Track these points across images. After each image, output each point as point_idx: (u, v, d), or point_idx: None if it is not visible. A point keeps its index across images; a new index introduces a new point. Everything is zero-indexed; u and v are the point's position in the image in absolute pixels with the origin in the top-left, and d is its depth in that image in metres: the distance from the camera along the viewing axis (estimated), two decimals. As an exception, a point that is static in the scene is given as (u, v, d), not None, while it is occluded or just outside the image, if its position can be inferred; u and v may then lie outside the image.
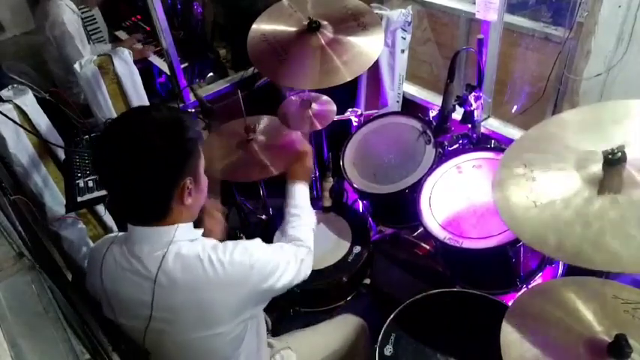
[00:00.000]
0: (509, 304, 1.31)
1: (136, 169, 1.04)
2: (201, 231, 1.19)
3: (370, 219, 2.08)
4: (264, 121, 2.09)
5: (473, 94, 1.82)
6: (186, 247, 1.11)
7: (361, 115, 2.18)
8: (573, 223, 1.14)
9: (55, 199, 2.06)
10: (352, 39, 1.86)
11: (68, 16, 2.60)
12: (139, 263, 1.11)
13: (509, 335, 1.15)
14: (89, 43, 2.97)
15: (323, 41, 1.86)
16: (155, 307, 1.10)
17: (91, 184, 1.76)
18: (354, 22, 1.91)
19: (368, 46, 1.85)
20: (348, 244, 1.89)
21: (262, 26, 1.97)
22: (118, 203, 1.14)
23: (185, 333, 1.12)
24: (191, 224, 1.17)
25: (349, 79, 1.81)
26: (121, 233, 1.21)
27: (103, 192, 1.74)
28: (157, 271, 1.08)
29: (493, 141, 2.12)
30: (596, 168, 1.20)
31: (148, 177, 1.05)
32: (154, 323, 1.12)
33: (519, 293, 1.71)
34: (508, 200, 1.27)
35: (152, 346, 1.18)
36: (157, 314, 1.10)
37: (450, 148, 1.96)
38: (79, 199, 1.74)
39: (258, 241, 1.22)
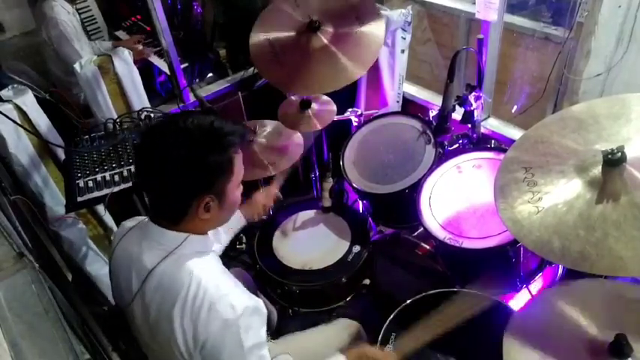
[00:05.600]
0: (512, 306, 1.30)
1: (160, 177, 1.07)
2: (214, 246, 1.20)
3: (370, 219, 2.08)
4: (267, 125, 2.11)
5: (473, 94, 1.82)
6: (190, 260, 1.11)
7: (361, 115, 2.18)
8: (577, 227, 1.14)
9: (55, 199, 2.06)
10: (353, 30, 1.84)
11: (63, 17, 2.60)
12: (142, 253, 1.13)
13: (511, 345, 1.15)
14: (89, 40, 2.97)
15: (325, 40, 1.85)
16: (137, 298, 1.13)
17: (91, 184, 1.76)
18: (352, 13, 1.89)
19: (370, 35, 1.83)
20: (347, 244, 1.89)
21: (263, 32, 1.96)
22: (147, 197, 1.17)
23: (153, 334, 1.14)
24: (205, 237, 1.18)
25: (359, 76, 1.80)
26: (142, 218, 1.24)
27: (103, 192, 1.74)
28: (152, 268, 1.10)
29: (493, 141, 2.12)
30: (597, 169, 1.20)
31: (169, 187, 1.08)
32: (132, 309, 1.16)
33: (519, 294, 1.72)
34: (511, 207, 1.26)
35: (135, 331, 1.21)
36: (136, 304, 1.14)
37: (450, 148, 1.96)
38: (79, 199, 1.74)
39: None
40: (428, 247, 2.06)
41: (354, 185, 1.93)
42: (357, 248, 1.86)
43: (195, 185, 1.08)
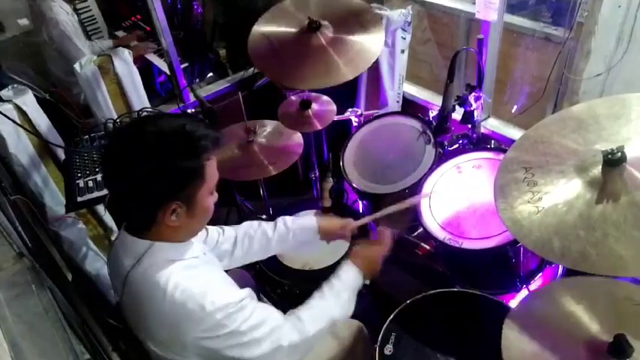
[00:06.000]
0: (512, 306, 1.30)
1: (123, 183, 1.04)
2: (188, 252, 1.15)
3: (370, 219, 2.08)
4: (267, 125, 2.11)
5: (473, 94, 1.82)
6: (159, 269, 1.07)
7: (361, 115, 2.18)
8: (577, 227, 1.14)
9: (55, 199, 2.06)
10: (352, 38, 1.86)
11: (62, 17, 2.60)
12: (119, 261, 1.12)
13: (511, 336, 1.15)
14: (89, 40, 2.97)
15: (323, 41, 1.85)
16: (121, 304, 1.13)
17: (91, 184, 1.76)
18: (355, 21, 1.90)
19: (368, 45, 1.85)
20: (347, 244, 1.89)
21: (263, 26, 1.97)
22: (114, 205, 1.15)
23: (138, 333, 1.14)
24: (179, 244, 1.14)
25: (350, 78, 1.81)
26: None
27: (103, 192, 1.75)
28: (125, 276, 1.09)
29: (493, 141, 2.12)
30: (597, 169, 1.20)
31: (133, 194, 1.05)
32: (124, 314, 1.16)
33: (519, 294, 1.72)
34: (511, 207, 1.26)
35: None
36: (123, 309, 1.14)
37: (450, 148, 1.96)
38: (79, 199, 1.74)
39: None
40: (428, 247, 2.06)
41: (354, 185, 1.93)
42: (357, 248, 1.86)
43: (162, 191, 1.03)
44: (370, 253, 1.43)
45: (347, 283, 1.33)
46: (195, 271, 1.13)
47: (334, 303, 1.28)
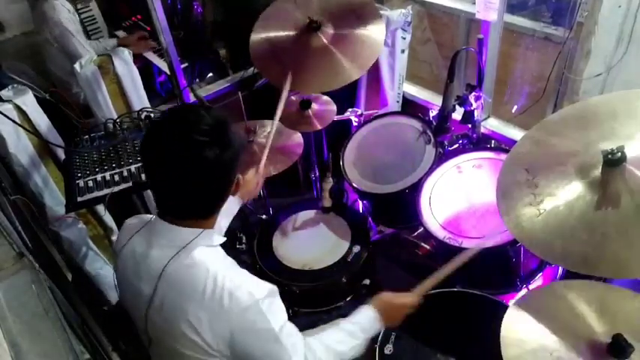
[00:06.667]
0: (512, 301, 1.30)
1: (196, 172, 1.05)
2: (221, 239, 1.19)
3: (370, 219, 2.08)
4: (267, 125, 2.12)
5: (473, 94, 1.82)
6: (203, 255, 1.10)
7: (361, 115, 2.19)
8: (577, 228, 1.14)
9: (55, 199, 2.06)
10: (353, 32, 1.84)
11: (65, 15, 2.60)
12: (151, 254, 1.11)
13: (510, 333, 1.15)
14: (90, 39, 2.97)
15: (325, 40, 1.85)
16: (152, 302, 1.10)
17: (91, 184, 1.76)
18: (354, 15, 1.89)
19: (370, 38, 1.83)
20: (347, 244, 1.89)
21: (264, 30, 1.96)
22: (160, 197, 1.13)
23: (172, 335, 1.12)
24: (214, 231, 1.17)
25: (356, 77, 1.81)
26: (149, 217, 1.21)
27: (103, 192, 1.74)
28: (164, 267, 1.08)
29: (493, 141, 2.12)
30: (597, 170, 1.19)
31: (207, 180, 1.07)
32: (151, 314, 1.13)
33: (519, 294, 1.72)
34: (513, 209, 1.26)
35: (153, 335, 1.19)
36: (154, 308, 1.11)
37: (450, 148, 1.96)
38: (79, 199, 1.73)
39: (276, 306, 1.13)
40: (428, 247, 2.07)
41: (354, 185, 1.93)
42: (357, 248, 1.86)
43: (232, 169, 1.11)
44: (396, 302, 1.36)
45: (365, 328, 1.29)
46: (231, 260, 1.17)
47: (349, 348, 1.26)
